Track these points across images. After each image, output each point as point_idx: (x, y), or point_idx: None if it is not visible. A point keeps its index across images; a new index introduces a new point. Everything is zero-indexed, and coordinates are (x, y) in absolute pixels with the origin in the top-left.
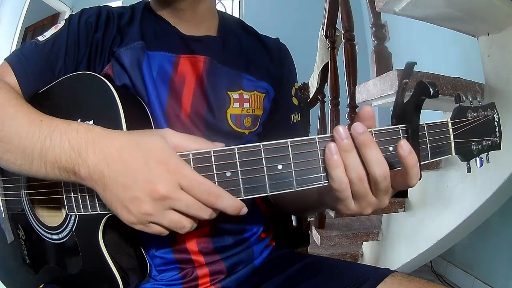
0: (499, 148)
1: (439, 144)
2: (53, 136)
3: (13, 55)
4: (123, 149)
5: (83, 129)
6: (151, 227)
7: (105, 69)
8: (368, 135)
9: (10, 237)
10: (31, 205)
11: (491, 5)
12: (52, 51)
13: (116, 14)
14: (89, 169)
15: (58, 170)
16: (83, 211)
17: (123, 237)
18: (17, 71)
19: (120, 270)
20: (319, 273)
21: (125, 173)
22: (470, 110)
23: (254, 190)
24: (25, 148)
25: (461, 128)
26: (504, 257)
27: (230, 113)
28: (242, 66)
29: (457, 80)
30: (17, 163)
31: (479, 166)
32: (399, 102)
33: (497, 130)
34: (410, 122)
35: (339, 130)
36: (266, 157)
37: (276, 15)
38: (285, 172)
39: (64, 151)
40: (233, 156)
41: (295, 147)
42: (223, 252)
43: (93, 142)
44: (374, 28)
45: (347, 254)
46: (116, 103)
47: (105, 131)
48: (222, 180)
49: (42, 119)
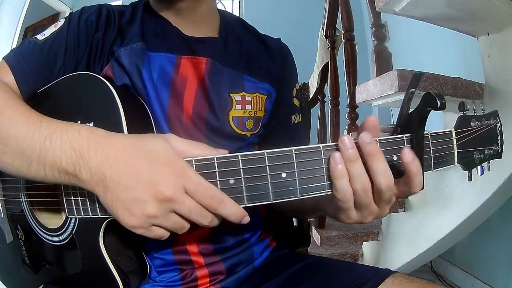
0: (500, 156)
1: (442, 154)
2: (53, 137)
3: (11, 54)
4: (127, 150)
5: (84, 131)
6: (153, 230)
7: (105, 69)
8: (375, 145)
9: (9, 237)
10: (30, 206)
11: (491, 5)
12: (51, 50)
13: (117, 13)
14: (91, 171)
15: (57, 172)
16: (83, 214)
17: (124, 239)
18: (15, 70)
19: (120, 273)
20: (319, 274)
21: (129, 174)
22: (473, 119)
23: (257, 198)
24: (24, 150)
25: (464, 138)
26: (504, 257)
27: (232, 115)
28: (243, 67)
29: (457, 80)
30: (15, 165)
31: (480, 174)
32: (404, 111)
33: (499, 139)
34: (415, 132)
35: (344, 140)
36: (270, 165)
37: (276, 15)
38: (289, 180)
39: (65, 153)
40: (236, 163)
41: (299, 155)
42: (223, 253)
43: (95, 143)
44: (374, 28)
45: (347, 254)
46: (117, 105)
47: (107, 133)
48: (225, 187)
49: (41, 120)
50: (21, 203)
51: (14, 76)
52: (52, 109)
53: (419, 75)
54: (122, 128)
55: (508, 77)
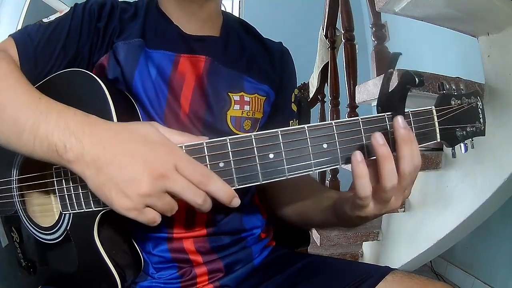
0: (484, 134)
1: (424, 130)
2: (49, 113)
3: (18, 33)
4: (120, 133)
5: (80, 113)
6: (146, 213)
7: (102, 58)
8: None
9: (4, 241)
10: (24, 206)
11: (491, 5)
12: (55, 33)
13: (120, 8)
14: (83, 150)
15: (46, 147)
16: (77, 208)
17: (118, 233)
18: (20, 47)
19: (116, 267)
20: (319, 273)
21: (123, 154)
22: (453, 97)
23: (247, 179)
24: (18, 119)
25: (445, 115)
26: (504, 257)
27: (230, 115)
28: (243, 67)
29: (457, 80)
30: (5, 134)
31: (464, 151)
32: (384, 91)
33: (481, 117)
34: (395, 110)
35: (377, 137)
36: (257, 147)
37: (276, 15)
38: (277, 160)
39: (58, 128)
40: (225, 147)
41: (285, 135)
42: (220, 251)
43: (89, 124)
44: (374, 28)
45: (347, 254)
46: (107, 100)
47: (101, 119)
48: (215, 171)
49: (40, 97)
50: (15, 203)
51: (18, 51)
52: None
53: (397, 55)
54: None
55: (508, 77)
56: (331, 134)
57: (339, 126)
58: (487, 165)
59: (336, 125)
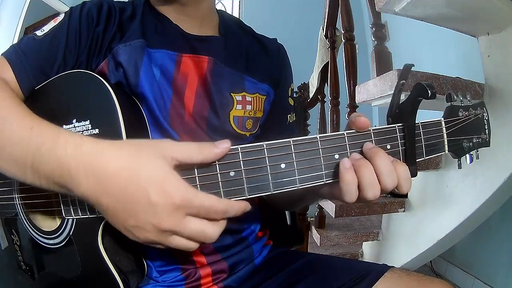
0: (488, 145)
1: (433, 142)
2: (41, 150)
3: (11, 50)
4: (120, 175)
5: (70, 147)
6: (155, 246)
7: (101, 65)
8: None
9: (4, 243)
10: (25, 209)
11: (491, 5)
12: (52, 46)
13: (118, 9)
14: (83, 195)
15: (53, 184)
16: (81, 214)
17: (121, 239)
18: (15, 67)
19: (120, 273)
20: (319, 271)
21: (125, 202)
22: (461, 109)
23: (258, 189)
24: (18, 159)
25: (453, 127)
26: (504, 257)
27: (233, 115)
28: (243, 67)
29: (457, 80)
30: (12, 172)
31: (469, 163)
32: (395, 102)
33: (486, 128)
34: (406, 121)
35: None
36: (269, 156)
37: (276, 15)
38: (288, 170)
39: (56, 169)
40: (236, 156)
41: (297, 146)
42: (223, 251)
43: (83, 164)
44: (374, 28)
45: (347, 254)
46: (113, 101)
47: (95, 149)
48: (225, 180)
49: (32, 126)
50: (16, 206)
51: (14, 72)
52: (47, 107)
53: (410, 66)
54: (120, 125)
55: (508, 77)
56: (343, 145)
57: (351, 137)
58: (487, 165)
59: (348, 136)
